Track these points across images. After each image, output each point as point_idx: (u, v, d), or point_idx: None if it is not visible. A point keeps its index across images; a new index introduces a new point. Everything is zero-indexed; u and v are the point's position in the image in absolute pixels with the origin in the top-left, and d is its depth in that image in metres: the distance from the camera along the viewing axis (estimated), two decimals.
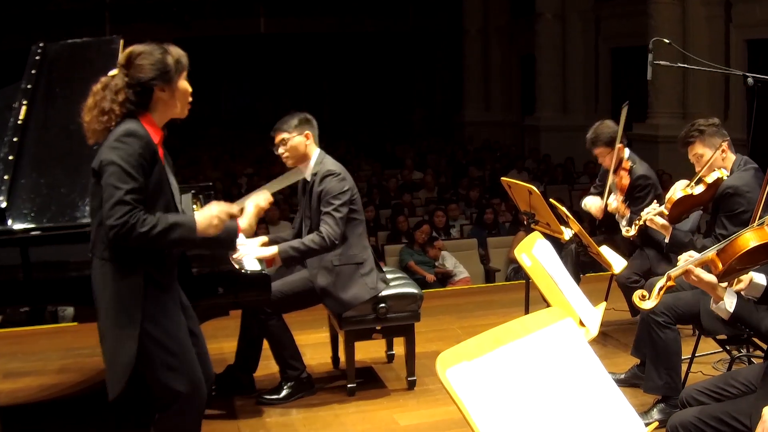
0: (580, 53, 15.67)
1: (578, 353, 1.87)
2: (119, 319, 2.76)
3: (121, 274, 2.77)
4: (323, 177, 4.11)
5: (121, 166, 2.67)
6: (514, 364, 1.76)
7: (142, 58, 2.77)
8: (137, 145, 2.70)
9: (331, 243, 4.04)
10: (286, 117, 4.22)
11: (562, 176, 13.42)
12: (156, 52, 2.78)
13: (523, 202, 4.82)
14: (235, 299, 3.64)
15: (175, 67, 2.80)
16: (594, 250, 4.49)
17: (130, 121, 2.76)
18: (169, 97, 2.82)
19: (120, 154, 2.68)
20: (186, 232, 2.77)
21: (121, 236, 2.65)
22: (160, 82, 2.78)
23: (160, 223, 2.70)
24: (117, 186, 2.65)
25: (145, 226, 2.66)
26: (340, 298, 4.13)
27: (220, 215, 2.86)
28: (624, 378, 4.18)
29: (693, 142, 3.93)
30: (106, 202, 2.67)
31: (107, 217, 2.66)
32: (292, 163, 4.22)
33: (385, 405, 4.18)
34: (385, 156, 16.73)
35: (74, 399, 4.36)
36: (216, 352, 4.89)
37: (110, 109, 2.74)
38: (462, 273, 8.12)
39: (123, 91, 2.76)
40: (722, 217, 3.81)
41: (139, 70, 2.76)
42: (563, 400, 1.76)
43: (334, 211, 4.05)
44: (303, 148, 4.17)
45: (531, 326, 1.85)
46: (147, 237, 2.67)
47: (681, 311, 3.72)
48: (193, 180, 11.90)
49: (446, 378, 1.68)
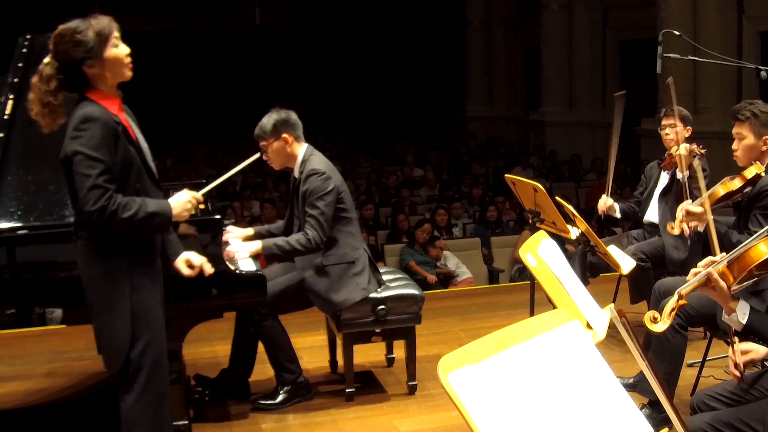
0: (587, 46, 15.66)
1: (585, 357, 1.86)
2: (110, 294, 2.89)
3: (106, 251, 2.89)
4: (307, 176, 4.12)
5: (85, 153, 2.77)
6: (519, 368, 1.76)
7: (65, 41, 2.82)
8: (96, 129, 2.79)
9: (316, 245, 4.07)
10: (262, 121, 4.21)
11: (569, 173, 13.43)
12: (77, 31, 2.82)
13: (528, 200, 4.82)
14: (229, 301, 3.64)
15: (97, 41, 2.83)
16: (601, 250, 4.49)
17: (84, 105, 2.84)
18: (99, 70, 2.86)
19: (81, 142, 2.78)
20: (164, 220, 2.95)
21: (103, 221, 2.78)
22: (87, 61, 2.83)
23: (141, 211, 2.84)
24: (86, 173, 2.77)
25: (126, 212, 2.80)
26: (331, 300, 4.13)
27: (192, 200, 3.05)
28: (633, 382, 4.17)
29: (743, 120, 3.88)
30: (79, 191, 2.79)
31: (84, 204, 2.78)
32: (278, 166, 4.28)
33: (385, 410, 4.18)
34: (385, 152, 16.74)
35: (62, 404, 4.36)
36: (209, 356, 4.91)
37: (48, 102, 2.83)
38: (464, 273, 8.12)
39: (54, 78, 2.83)
40: (758, 215, 3.78)
41: (64, 54, 2.82)
42: (570, 405, 1.76)
43: (319, 213, 4.07)
44: (284, 151, 4.19)
45: (536, 329, 1.85)
46: (130, 223, 2.82)
47: (694, 313, 3.71)
48: (186, 177, 11.92)
49: (448, 382, 1.68)
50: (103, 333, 2.96)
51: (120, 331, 2.89)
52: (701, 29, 11.56)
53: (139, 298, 2.92)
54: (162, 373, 3.00)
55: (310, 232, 4.06)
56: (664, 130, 5.07)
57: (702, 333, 4.76)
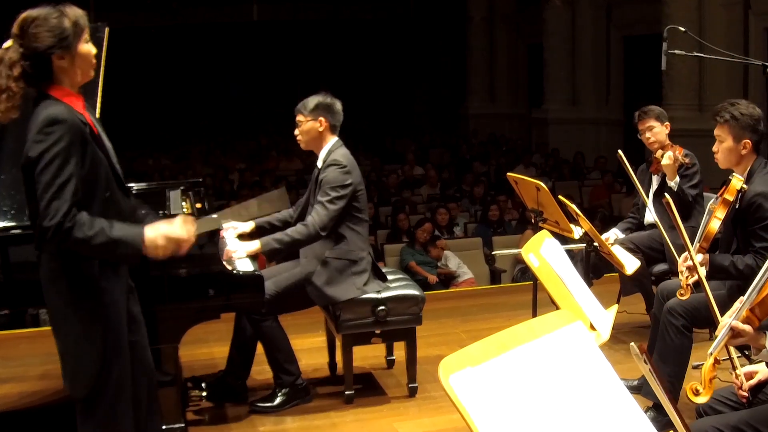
0: (591, 42, 15.65)
1: (589, 359, 1.86)
2: (78, 314, 2.72)
3: (71, 267, 2.70)
4: (328, 165, 4.15)
5: (50, 160, 2.57)
6: (521, 370, 1.76)
7: (36, 26, 2.63)
8: (63, 133, 2.59)
9: (316, 232, 4.04)
10: (310, 97, 4.26)
11: (572, 172, 13.43)
12: (51, 17, 2.65)
13: (531, 199, 4.82)
14: (227, 301, 3.65)
15: (73, 31, 2.67)
16: (605, 250, 4.49)
17: (47, 104, 2.65)
18: (69, 64, 2.68)
19: (45, 146, 2.58)
20: (130, 251, 2.69)
21: (57, 240, 2.58)
22: (58, 50, 2.64)
23: (101, 234, 2.61)
24: (49, 183, 2.56)
25: (82, 232, 2.58)
26: (323, 291, 4.12)
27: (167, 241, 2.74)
28: (637, 385, 4.17)
29: (722, 122, 3.85)
30: (40, 201, 2.58)
31: (42, 217, 2.57)
32: (305, 146, 4.29)
33: (385, 413, 4.18)
34: (385, 150, 16.75)
35: (57, 407, 4.36)
36: (206, 357, 4.91)
37: (7, 87, 2.61)
38: (466, 274, 8.12)
39: (18, 64, 2.62)
40: (757, 230, 3.72)
41: (34, 39, 2.62)
42: (573, 408, 1.76)
43: (328, 202, 4.06)
44: (315, 133, 4.22)
45: (539, 330, 1.85)
46: (86, 245, 2.61)
47: (700, 314, 3.71)
48: (182, 175, 11.91)
49: (449, 384, 1.68)
50: (70, 357, 2.78)
51: (91, 356, 2.73)
52: (707, 25, 11.56)
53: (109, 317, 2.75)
54: (124, 396, 2.83)
55: (309, 219, 4.05)
56: (644, 135, 5.09)
57: (707, 334, 4.76)
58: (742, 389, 2.70)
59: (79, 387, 2.78)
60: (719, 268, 3.76)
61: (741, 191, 3.71)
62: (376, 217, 10.09)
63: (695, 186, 4.95)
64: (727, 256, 3.77)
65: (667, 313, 3.81)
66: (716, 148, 3.85)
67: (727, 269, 3.71)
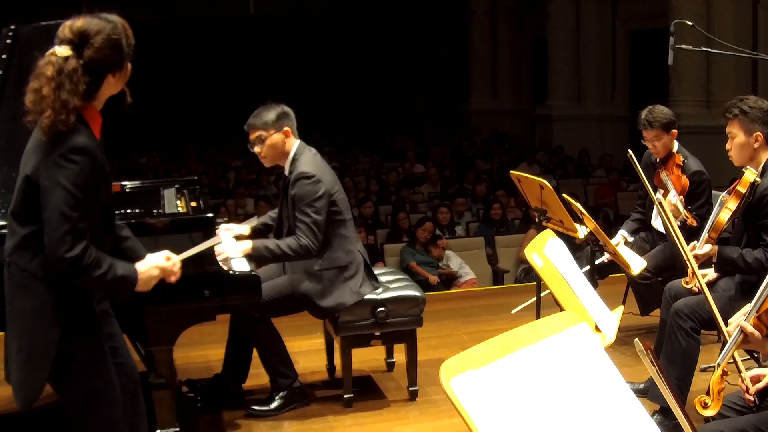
0: (596, 37, 15.66)
1: (594, 361, 1.86)
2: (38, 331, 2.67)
3: (47, 290, 2.67)
4: (296, 180, 4.07)
5: (70, 191, 2.55)
6: (524, 372, 1.76)
7: (101, 40, 2.59)
8: (86, 165, 2.58)
9: (308, 252, 4.03)
10: (260, 110, 4.14)
11: (576, 169, 13.44)
12: (115, 32, 2.62)
13: (534, 198, 4.82)
14: (223, 302, 3.64)
15: (129, 51, 2.67)
16: (611, 250, 4.50)
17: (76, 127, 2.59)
18: (116, 83, 2.69)
19: (68, 174, 2.56)
20: (128, 287, 2.75)
21: (73, 272, 2.60)
22: (116, 69, 2.65)
23: (111, 272, 2.66)
24: (66, 214, 2.55)
25: (97, 271, 2.62)
26: (321, 306, 4.12)
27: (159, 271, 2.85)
28: (644, 388, 4.18)
29: (731, 118, 3.87)
30: (53, 230, 2.57)
31: (57, 247, 2.56)
32: (270, 162, 4.20)
33: (385, 417, 4.19)
34: (385, 148, 16.75)
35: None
36: (201, 360, 4.91)
37: (74, 106, 2.56)
38: (468, 274, 8.13)
39: (82, 79, 2.57)
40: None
41: (98, 54, 2.59)
42: (578, 412, 1.76)
43: (310, 221, 4.02)
44: (282, 146, 4.13)
45: (542, 332, 1.85)
46: (98, 281, 2.65)
47: (708, 316, 3.71)
48: (177, 173, 11.92)
49: (450, 388, 1.68)
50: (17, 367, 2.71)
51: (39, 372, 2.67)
52: (715, 19, 11.56)
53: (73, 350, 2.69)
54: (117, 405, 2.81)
55: (303, 240, 4.02)
56: (649, 143, 4.83)
57: (716, 336, 4.77)
58: (749, 393, 2.71)
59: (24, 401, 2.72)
60: (728, 260, 3.79)
61: (754, 184, 3.74)
62: (376, 216, 10.09)
63: (702, 206, 4.72)
64: (737, 248, 3.79)
65: (675, 315, 3.82)
66: (729, 145, 3.87)
67: (735, 261, 3.73)
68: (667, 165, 4.82)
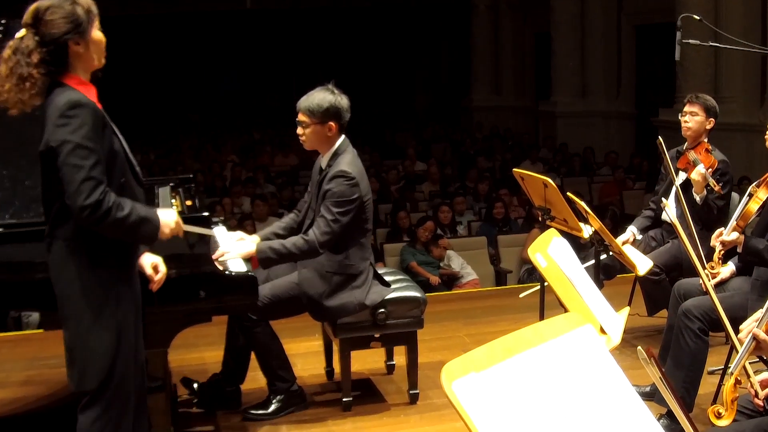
0: (601, 31, 15.65)
1: (599, 363, 1.86)
2: (91, 306, 2.84)
3: (92, 254, 2.84)
4: (334, 176, 4.03)
5: (77, 143, 2.72)
6: (528, 375, 1.76)
7: (51, 13, 2.79)
8: (85, 116, 2.75)
9: (315, 250, 3.99)
10: (315, 93, 4.10)
11: (581, 167, 13.43)
12: (65, 5, 2.81)
13: (538, 196, 4.83)
14: (219, 303, 3.64)
15: (86, 18, 2.83)
16: (616, 249, 4.50)
17: (63, 90, 2.80)
18: (84, 50, 2.85)
19: (70, 129, 2.73)
20: (151, 229, 2.91)
21: (95, 218, 2.72)
22: (74, 36, 2.80)
23: (134, 213, 2.81)
24: (77, 164, 2.71)
25: (119, 212, 2.76)
26: (324, 305, 4.11)
27: (177, 222, 3.05)
28: (650, 391, 4.18)
29: None
30: (69, 184, 2.72)
31: (75, 197, 2.71)
32: (309, 146, 4.18)
33: (385, 421, 4.19)
34: (385, 145, 16.75)
35: (40, 414, 4.36)
36: (197, 362, 4.91)
37: (29, 74, 2.75)
38: (469, 275, 8.13)
39: (36, 51, 2.76)
40: None
41: (50, 26, 2.78)
42: (582, 416, 1.76)
43: (332, 218, 3.98)
44: (322, 138, 4.10)
45: (546, 334, 1.85)
46: (121, 225, 2.78)
47: (717, 317, 3.72)
48: (172, 171, 11.90)
49: (452, 391, 1.68)
50: (81, 348, 2.88)
51: (105, 346, 2.86)
52: (723, 14, 11.54)
53: (124, 309, 2.91)
54: (127, 387, 2.95)
55: (311, 233, 3.99)
56: (683, 117, 4.96)
57: (724, 338, 4.77)
58: (758, 397, 2.71)
59: (89, 379, 2.88)
60: (753, 251, 3.83)
61: None
62: (376, 215, 10.08)
63: (723, 197, 4.81)
64: (763, 240, 3.81)
65: (683, 315, 3.81)
66: None
67: (761, 253, 3.76)
68: (695, 149, 4.89)
